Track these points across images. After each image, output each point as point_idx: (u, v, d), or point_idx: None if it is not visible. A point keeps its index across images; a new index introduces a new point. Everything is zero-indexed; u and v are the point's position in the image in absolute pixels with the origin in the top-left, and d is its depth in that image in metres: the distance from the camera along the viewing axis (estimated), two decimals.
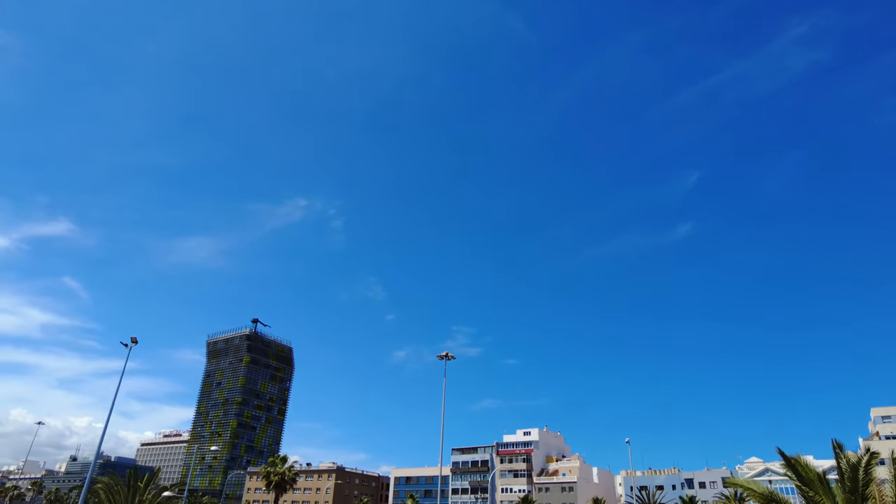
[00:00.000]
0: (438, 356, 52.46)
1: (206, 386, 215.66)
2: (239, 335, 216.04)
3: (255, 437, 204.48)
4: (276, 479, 65.10)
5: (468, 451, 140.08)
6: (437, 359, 52.33)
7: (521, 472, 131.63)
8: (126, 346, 34.04)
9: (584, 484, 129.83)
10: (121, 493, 37.83)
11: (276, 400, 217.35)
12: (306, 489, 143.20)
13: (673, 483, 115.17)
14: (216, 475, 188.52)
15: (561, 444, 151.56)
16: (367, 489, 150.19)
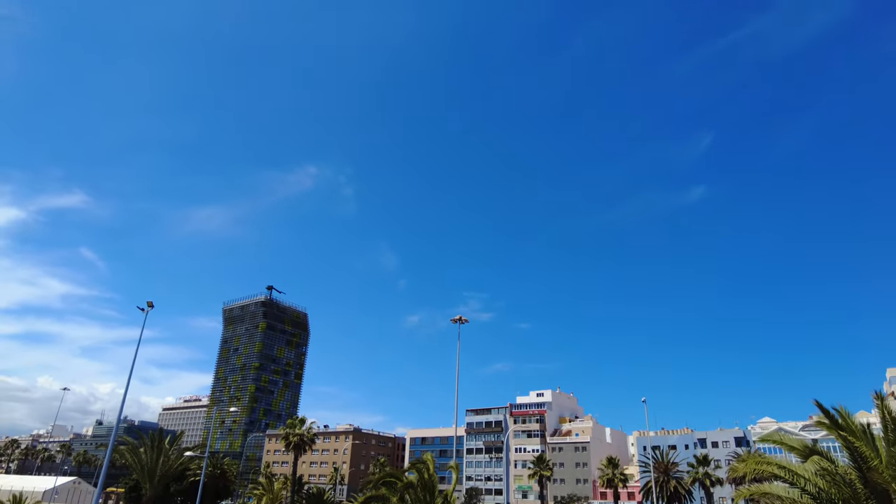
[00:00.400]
0: (452, 320, 52.41)
1: (224, 352, 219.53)
2: (254, 302, 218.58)
3: (272, 401, 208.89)
4: (294, 440, 66.43)
5: (482, 412, 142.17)
6: (449, 323, 52.32)
7: (535, 432, 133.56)
8: (142, 310, 34.33)
9: (597, 444, 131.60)
10: (146, 454, 38.81)
11: (292, 364, 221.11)
12: (324, 450, 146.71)
13: (686, 443, 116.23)
14: (236, 438, 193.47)
15: (574, 405, 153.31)
16: (384, 450, 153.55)
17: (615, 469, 76.57)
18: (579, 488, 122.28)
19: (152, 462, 39.37)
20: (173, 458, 40.89)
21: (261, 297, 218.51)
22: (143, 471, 39.78)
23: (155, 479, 39.68)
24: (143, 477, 39.97)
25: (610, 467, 76.81)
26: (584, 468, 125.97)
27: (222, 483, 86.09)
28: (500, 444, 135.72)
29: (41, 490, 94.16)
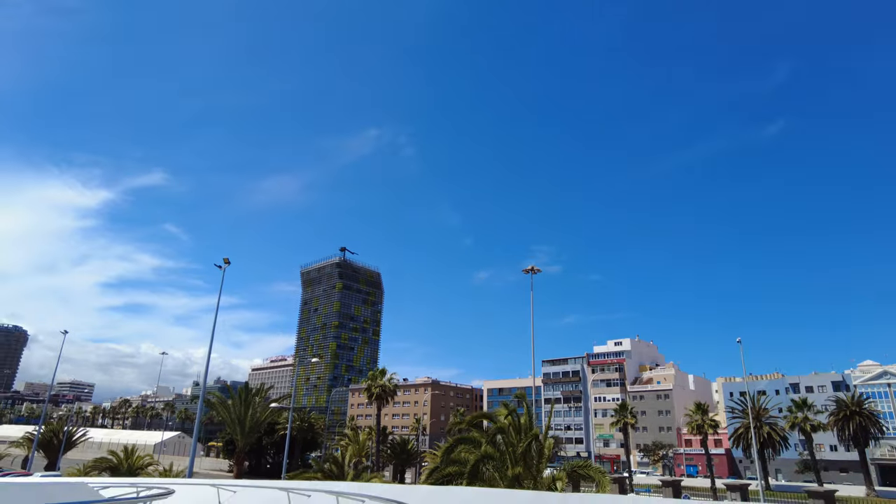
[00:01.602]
0: (524, 270, 51.38)
1: (304, 313, 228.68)
2: (329, 264, 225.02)
3: (353, 357, 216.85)
4: (377, 392, 67.94)
5: (558, 362, 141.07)
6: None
7: (615, 381, 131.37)
8: (219, 267, 34.87)
9: (680, 391, 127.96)
10: (234, 407, 40.51)
11: (369, 322, 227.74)
12: (405, 402, 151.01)
13: (776, 388, 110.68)
14: (321, 393, 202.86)
15: (654, 352, 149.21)
16: (462, 401, 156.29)
17: (704, 415, 73.71)
18: (662, 436, 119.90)
19: (241, 414, 41.19)
20: (260, 411, 42.60)
21: (335, 259, 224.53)
22: (233, 423, 41.74)
23: (245, 430, 41.53)
24: (233, 429, 41.92)
25: (698, 413, 74.05)
26: (667, 416, 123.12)
27: (310, 435, 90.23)
28: (578, 393, 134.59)
29: (152, 443, 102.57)
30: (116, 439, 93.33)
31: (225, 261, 34.72)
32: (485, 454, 16.91)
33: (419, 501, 11.66)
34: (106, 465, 47.61)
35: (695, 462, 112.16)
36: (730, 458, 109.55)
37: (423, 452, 73.47)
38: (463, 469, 16.74)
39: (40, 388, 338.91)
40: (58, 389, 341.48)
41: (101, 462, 47.56)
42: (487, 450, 17.21)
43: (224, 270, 34.75)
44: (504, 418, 18.26)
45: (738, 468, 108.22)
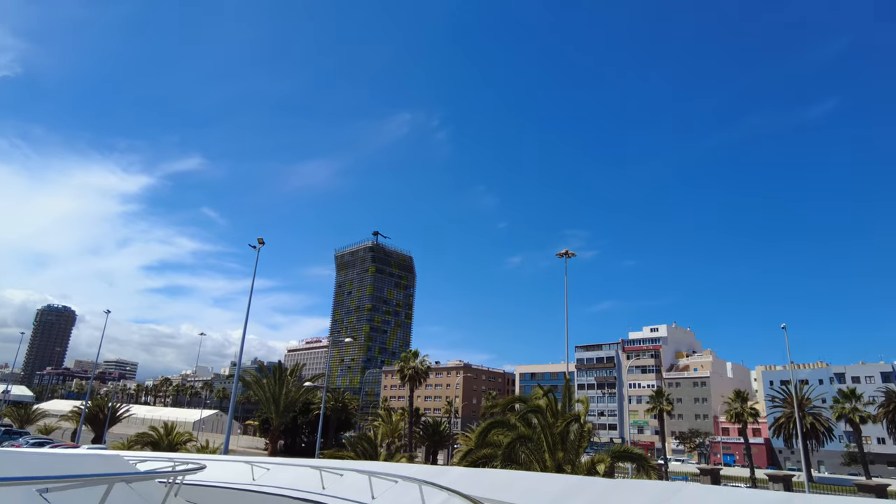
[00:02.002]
0: (558, 254, 50.53)
1: (339, 296, 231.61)
2: (363, 247, 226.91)
3: (386, 340, 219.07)
4: (409, 373, 68.20)
5: (593, 347, 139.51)
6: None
7: (650, 367, 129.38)
8: (254, 247, 35.12)
9: (718, 379, 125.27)
10: (269, 385, 41.08)
11: (402, 305, 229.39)
12: (437, 385, 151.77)
13: (820, 377, 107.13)
14: (355, 375, 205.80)
15: (691, 339, 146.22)
16: (494, 385, 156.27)
17: (744, 403, 71.76)
18: (698, 424, 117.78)
19: (275, 393, 41.78)
20: (294, 390, 43.13)
21: (368, 243, 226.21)
22: (267, 401, 42.41)
23: (279, 409, 42.14)
24: (268, 407, 42.60)
25: (738, 401, 72.12)
26: (704, 403, 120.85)
27: (344, 416, 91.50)
28: (612, 379, 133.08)
29: (191, 421, 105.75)
30: (158, 416, 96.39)
31: (259, 241, 34.93)
32: (520, 435, 16.37)
33: (452, 482, 11.23)
34: (147, 440, 49.10)
35: (732, 451, 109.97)
36: (769, 449, 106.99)
37: (456, 435, 73.60)
38: (497, 452, 16.28)
39: (88, 365, 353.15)
40: (104, 367, 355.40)
41: (143, 437, 49.07)
42: (523, 431, 16.66)
43: (258, 251, 35.00)
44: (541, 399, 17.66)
45: (778, 459, 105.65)
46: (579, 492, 8.01)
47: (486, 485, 10.56)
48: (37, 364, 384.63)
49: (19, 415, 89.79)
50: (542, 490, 9.02)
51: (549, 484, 9.48)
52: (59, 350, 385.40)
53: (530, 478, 10.60)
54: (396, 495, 13.53)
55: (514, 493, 9.13)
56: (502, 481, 10.67)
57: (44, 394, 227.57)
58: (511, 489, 9.82)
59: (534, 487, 9.60)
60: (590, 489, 7.92)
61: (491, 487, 10.08)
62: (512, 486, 10.23)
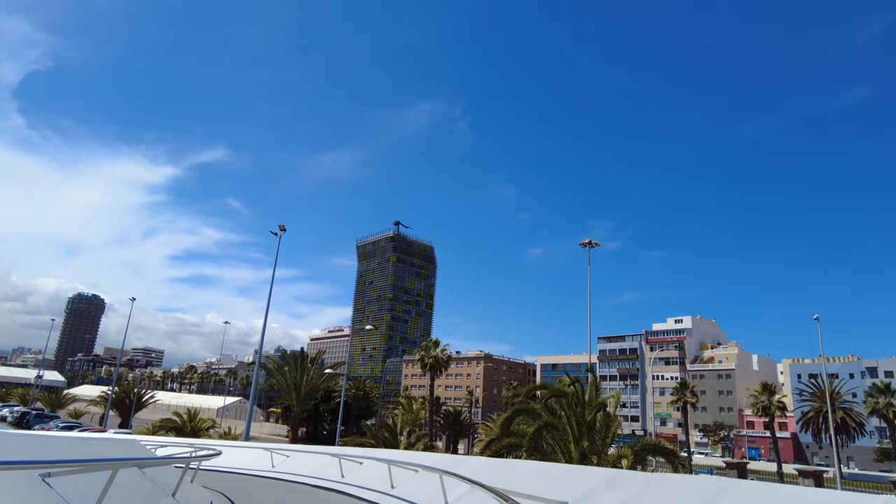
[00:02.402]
0: (581, 243, 49.87)
1: (360, 285, 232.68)
2: (384, 237, 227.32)
3: (407, 329, 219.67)
4: (430, 362, 67.98)
5: (615, 339, 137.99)
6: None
7: (674, 359, 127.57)
8: (275, 234, 34.98)
9: (743, 371, 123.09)
10: (290, 372, 41.12)
11: (423, 295, 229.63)
12: (458, 375, 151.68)
13: (851, 371, 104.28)
14: (376, 363, 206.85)
15: (716, 331, 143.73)
16: (514, 375, 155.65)
17: (771, 396, 70.13)
18: (722, 417, 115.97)
19: (297, 380, 41.84)
20: (315, 377, 43.15)
21: (389, 233, 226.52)
22: (289, 388, 42.50)
23: (300, 396, 42.22)
24: (289, 394, 42.69)
25: (765, 394, 70.49)
26: (728, 396, 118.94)
27: (365, 404, 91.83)
28: (634, 371, 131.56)
29: (215, 407, 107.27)
30: (182, 402, 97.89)
31: (280, 228, 34.79)
32: (545, 424, 15.76)
33: (475, 473, 10.76)
34: (171, 426, 49.63)
35: (757, 445, 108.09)
36: (796, 443, 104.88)
37: (476, 424, 73.37)
38: (521, 441, 15.74)
39: (117, 352, 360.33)
40: (132, 355, 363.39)
41: (167, 423, 49.62)
42: (548, 419, 16.04)
43: (280, 238, 34.85)
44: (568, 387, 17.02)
45: (805, 453, 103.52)
46: (615, 486, 7.39)
47: (510, 476, 10.04)
48: (68, 350, 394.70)
49: (51, 399, 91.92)
50: (572, 483, 8.44)
51: (581, 477, 8.89)
52: (88, 337, 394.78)
53: (559, 470, 9.99)
54: (416, 485, 13.13)
55: (542, 486, 8.60)
56: (528, 473, 10.11)
57: (75, 379, 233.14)
58: (538, 481, 9.28)
59: (563, 480, 9.02)
60: (627, 484, 7.29)
61: (516, 479, 9.56)
62: (539, 478, 9.69)
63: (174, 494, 9.49)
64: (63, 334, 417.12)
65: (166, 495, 9.31)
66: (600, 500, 7.16)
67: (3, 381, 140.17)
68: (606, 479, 7.91)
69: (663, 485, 6.88)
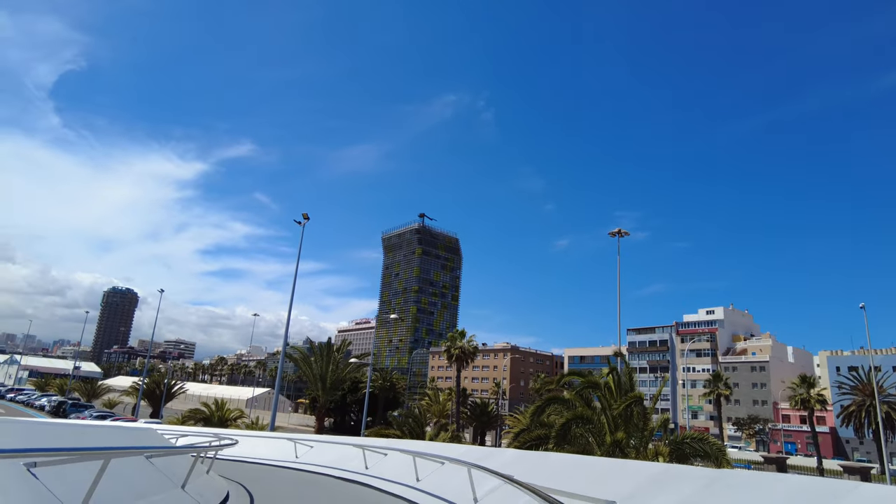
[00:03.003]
0: (610, 233, 48.70)
1: (386, 278, 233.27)
2: (409, 230, 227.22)
3: (433, 321, 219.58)
4: (456, 353, 67.31)
5: (645, 330, 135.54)
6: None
7: (705, 351, 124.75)
8: (299, 223, 34.62)
9: (777, 364, 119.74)
10: (316, 362, 40.83)
11: (448, 287, 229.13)
12: (484, 367, 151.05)
13: (894, 364, 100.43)
14: (403, 355, 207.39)
15: (749, 322, 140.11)
16: (541, 367, 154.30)
17: (811, 388, 67.72)
18: (756, 410, 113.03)
19: (322, 370, 41.59)
20: (341, 367, 42.83)
21: (414, 225, 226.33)
22: (314, 378, 42.27)
23: (326, 386, 41.94)
24: (314, 384, 42.46)
25: (804, 386, 68.11)
26: (762, 389, 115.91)
27: (392, 394, 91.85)
28: (665, 363, 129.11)
29: (245, 398, 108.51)
30: (212, 393, 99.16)
31: (304, 216, 34.43)
32: (578, 415, 14.80)
33: (504, 466, 9.96)
34: (200, 416, 49.93)
35: (793, 439, 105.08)
36: (835, 438, 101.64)
37: (504, 416, 72.56)
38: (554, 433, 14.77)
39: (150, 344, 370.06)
40: (164, 347, 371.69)
41: (195, 413, 49.96)
42: (581, 410, 15.08)
43: (304, 226, 34.50)
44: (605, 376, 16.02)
45: (845, 449, 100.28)
46: (670, 484, 6.39)
47: (544, 470, 9.19)
48: (104, 343, 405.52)
49: (86, 389, 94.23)
50: (617, 479, 7.50)
51: (626, 471, 7.92)
52: (123, 330, 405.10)
53: (599, 463, 9.00)
54: (443, 478, 12.40)
55: (581, 482, 7.71)
56: (565, 466, 9.18)
57: (111, 370, 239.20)
58: (576, 476, 8.37)
59: (605, 475, 8.06)
60: (686, 481, 6.24)
61: (551, 474, 8.71)
62: (577, 472, 8.76)
63: (184, 486, 8.90)
64: (99, 327, 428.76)
65: (175, 487, 8.72)
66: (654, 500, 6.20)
67: (43, 372, 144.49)
68: (657, 474, 6.90)
69: (734, 484, 5.81)
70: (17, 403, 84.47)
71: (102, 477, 6.00)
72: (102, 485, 5.96)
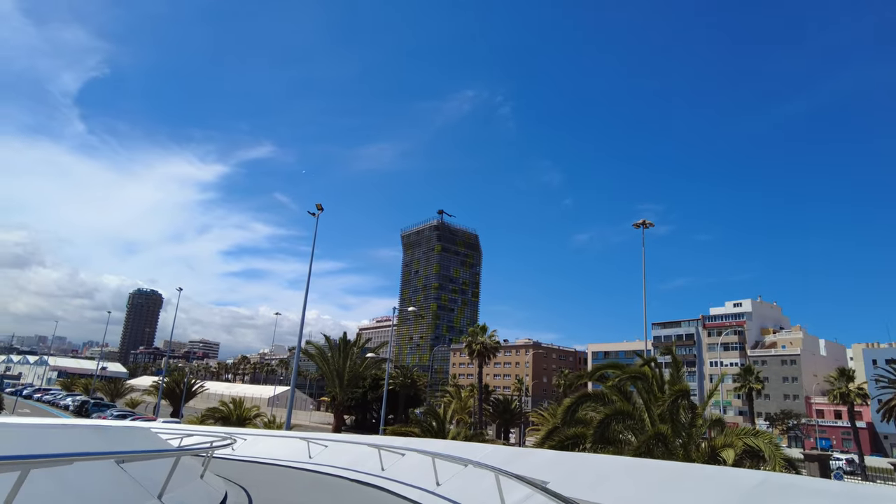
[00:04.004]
0: (634, 224, 47.17)
1: (406, 275, 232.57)
2: (428, 226, 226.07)
3: (454, 318, 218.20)
4: (478, 348, 65.88)
5: (670, 325, 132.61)
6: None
7: (733, 345, 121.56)
8: (313, 214, 33.60)
9: (809, 357, 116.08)
10: (334, 357, 39.76)
11: (468, 284, 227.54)
12: (506, 363, 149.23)
13: None
14: (424, 352, 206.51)
15: (778, 315, 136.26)
16: (565, 363, 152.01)
17: (849, 382, 64.86)
18: (788, 405, 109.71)
19: (339, 366, 40.50)
20: (359, 362, 41.72)
21: (433, 222, 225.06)
22: (331, 374, 41.20)
23: (344, 383, 40.84)
24: (331, 380, 41.37)
25: (843, 380, 65.26)
26: (794, 383, 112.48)
27: (413, 392, 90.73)
28: (691, 357, 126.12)
29: (266, 396, 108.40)
30: (234, 392, 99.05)
31: (318, 206, 33.38)
32: (618, 411, 13.14)
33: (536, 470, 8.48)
34: (218, 415, 49.24)
35: (827, 435, 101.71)
36: (872, 433, 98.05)
37: (527, 413, 70.88)
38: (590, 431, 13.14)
39: (176, 345, 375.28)
40: (189, 347, 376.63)
41: (214, 412, 49.28)
42: (621, 405, 13.42)
43: (318, 217, 33.49)
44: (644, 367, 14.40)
45: (884, 445, 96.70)
46: (773, 500, 4.80)
47: (586, 477, 7.62)
48: (131, 343, 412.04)
49: (110, 389, 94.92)
50: (688, 492, 5.88)
51: (697, 480, 6.25)
52: (148, 331, 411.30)
53: (658, 469, 7.18)
54: (465, 483, 10.95)
55: (637, 493, 6.18)
56: (613, 471, 7.45)
57: (137, 371, 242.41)
58: (629, 485, 6.75)
59: (670, 485, 6.36)
60: (802, 498, 4.65)
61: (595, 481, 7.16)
62: (629, 479, 7.08)
63: (161, 495, 7.57)
64: (125, 328, 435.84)
65: (150, 497, 7.40)
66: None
67: (70, 372, 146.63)
68: (755, 486, 5.20)
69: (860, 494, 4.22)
70: (42, 403, 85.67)
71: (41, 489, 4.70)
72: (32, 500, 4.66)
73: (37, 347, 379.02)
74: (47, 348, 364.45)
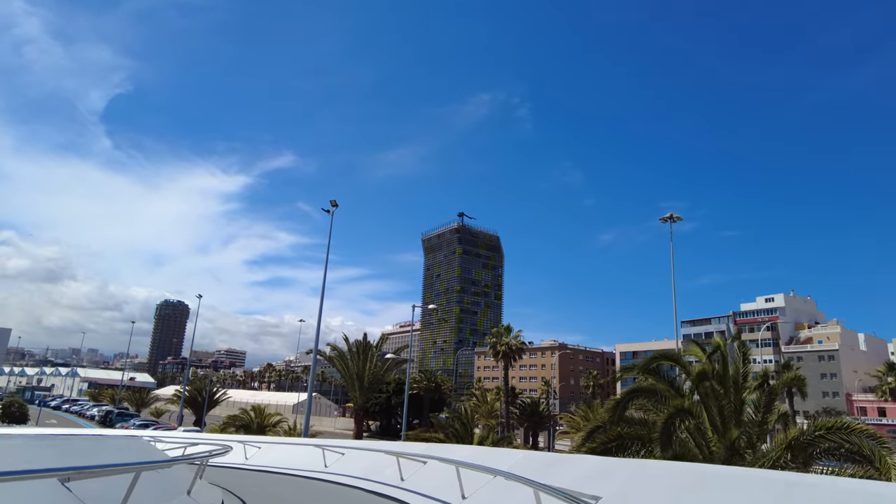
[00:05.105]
0: (661, 219, 45.39)
1: (428, 279, 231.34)
2: (448, 230, 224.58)
3: (477, 321, 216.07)
4: (503, 350, 64.18)
5: (700, 322, 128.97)
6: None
7: (767, 341, 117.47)
8: (327, 211, 32.48)
9: (848, 352, 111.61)
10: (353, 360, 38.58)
11: (490, 286, 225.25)
12: (531, 366, 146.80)
13: None
14: (448, 356, 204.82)
15: (812, 309, 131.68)
16: (592, 364, 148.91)
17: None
18: (826, 402, 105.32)
19: (359, 369, 39.29)
20: (379, 365, 40.45)
21: (454, 225, 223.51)
22: (350, 378, 39.96)
23: (364, 386, 39.56)
24: (351, 384, 40.15)
25: (892, 374, 61.96)
26: (833, 380, 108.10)
27: (438, 395, 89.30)
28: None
29: (290, 403, 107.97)
30: (258, 400, 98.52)
31: (332, 203, 32.24)
32: (680, 409, 11.27)
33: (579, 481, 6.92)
34: (240, 423, 48.48)
35: None
36: None
37: (556, 415, 68.77)
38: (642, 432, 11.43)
39: (203, 354, 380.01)
40: (216, 356, 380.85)
41: (235, 420, 48.55)
42: (680, 402, 11.53)
43: (332, 214, 32.36)
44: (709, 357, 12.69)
45: None
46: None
47: (652, 492, 5.96)
48: (159, 354, 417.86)
49: (135, 399, 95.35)
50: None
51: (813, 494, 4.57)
52: (176, 341, 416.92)
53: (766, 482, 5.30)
54: (494, 496, 9.35)
55: None
56: (687, 484, 5.69)
57: (165, 381, 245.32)
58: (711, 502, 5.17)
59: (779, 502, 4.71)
60: None
61: (664, 496, 5.57)
62: (708, 492, 5.45)
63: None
64: (154, 339, 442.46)
65: None
66: None
67: (99, 383, 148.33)
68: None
69: None
70: (70, 413, 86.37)
71: None
72: None
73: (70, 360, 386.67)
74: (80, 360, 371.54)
